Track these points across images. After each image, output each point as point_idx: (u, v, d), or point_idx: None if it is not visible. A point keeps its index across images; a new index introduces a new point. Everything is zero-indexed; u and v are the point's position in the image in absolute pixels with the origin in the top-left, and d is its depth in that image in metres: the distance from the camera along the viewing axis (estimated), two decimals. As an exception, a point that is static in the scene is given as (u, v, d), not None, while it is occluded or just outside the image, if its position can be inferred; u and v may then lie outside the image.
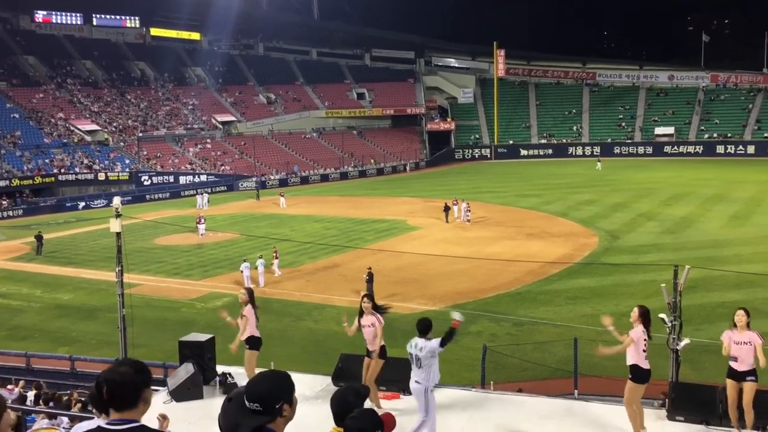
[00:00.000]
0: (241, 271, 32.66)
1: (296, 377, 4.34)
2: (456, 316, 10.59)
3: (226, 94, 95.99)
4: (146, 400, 3.84)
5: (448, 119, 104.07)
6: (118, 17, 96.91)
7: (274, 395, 3.77)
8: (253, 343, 12.44)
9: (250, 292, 12.85)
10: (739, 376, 10.27)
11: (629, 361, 10.37)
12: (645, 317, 10.42)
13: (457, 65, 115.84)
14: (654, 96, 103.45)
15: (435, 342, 10.04)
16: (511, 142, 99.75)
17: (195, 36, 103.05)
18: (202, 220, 46.48)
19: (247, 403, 3.75)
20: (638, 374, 10.38)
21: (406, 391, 12.15)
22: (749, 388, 10.20)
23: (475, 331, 25.55)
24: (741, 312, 10.46)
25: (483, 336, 24.08)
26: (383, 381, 11.81)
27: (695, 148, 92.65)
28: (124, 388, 3.77)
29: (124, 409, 3.79)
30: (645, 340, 10.35)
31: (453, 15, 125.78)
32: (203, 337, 13.40)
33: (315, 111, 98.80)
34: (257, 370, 12.11)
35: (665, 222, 45.10)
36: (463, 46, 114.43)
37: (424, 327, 10.24)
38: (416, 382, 10.19)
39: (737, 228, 42.67)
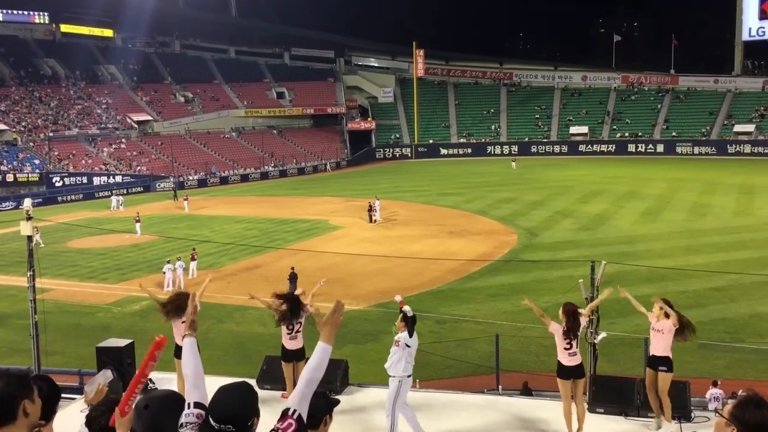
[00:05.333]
0: (164, 273, 31.96)
1: (220, 380, 4.23)
2: (397, 298, 10.93)
3: (141, 92, 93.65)
4: (27, 413, 3.54)
5: (369, 119, 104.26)
6: (25, 12, 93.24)
7: (245, 412, 3.55)
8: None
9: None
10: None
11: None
12: (568, 315, 10.65)
13: (377, 65, 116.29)
14: (569, 96, 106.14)
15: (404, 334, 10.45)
16: (431, 141, 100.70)
17: (108, 33, 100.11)
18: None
19: (216, 424, 3.50)
20: (559, 369, 10.68)
21: (332, 391, 12.08)
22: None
23: (399, 329, 25.65)
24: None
25: (406, 334, 24.15)
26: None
27: (608, 147, 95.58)
28: None
29: (2, 424, 3.50)
30: (566, 340, 10.56)
31: (372, 15, 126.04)
32: (122, 342, 13.02)
33: (234, 110, 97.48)
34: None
35: (581, 219, 46.31)
36: (383, 45, 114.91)
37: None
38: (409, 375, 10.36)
39: (649, 224, 44.18)
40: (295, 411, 3.82)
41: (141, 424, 3.84)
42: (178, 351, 12.20)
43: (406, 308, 10.67)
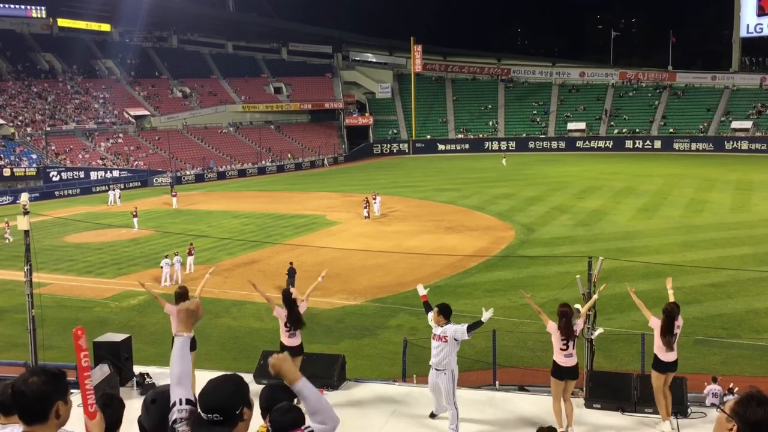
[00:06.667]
0: (161, 267, 31.94)
1: (216, 375, 4.22)
2: (420, 291, 11.05)
3: (138, 87, 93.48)
4: (59, 413, 3.49)
5: (367, 114, 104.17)
6: (22, 7, 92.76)
7: (232, 402, 3.56)
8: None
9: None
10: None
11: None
12: (562, 316, 10.66)
13: (374, 60, 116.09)
14: (566, 92, 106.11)
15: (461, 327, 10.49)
16: (428, 136, 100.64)
17: (105, 27, 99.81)
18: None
19: (204, 415, 3.53)
20: (554, 368, 10.69)
21: (329, 387, 12.11)
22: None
23: (395, 324, 25.69)
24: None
25: (403, 329, 24.21)
26: (307, 377, 11.71)
27: (605, 143, 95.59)
28: (32, 402, 3.41)
29: (33, 423, 3.43)
30: (562, 339, 10.56)
31: (370, 10, 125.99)
32: (119, 337, 13.03)
33: (231, 105, 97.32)
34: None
35: (578, 215, 46.33)
36: (381, 41, 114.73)
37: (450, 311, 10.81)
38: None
39: (646, 220, 44.22)
40: (308, 427, 3.87)
41: (149, 419, 3.85)
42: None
43: (487, 314, 10.80)
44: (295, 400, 4.40)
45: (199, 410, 3.61)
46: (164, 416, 3.78)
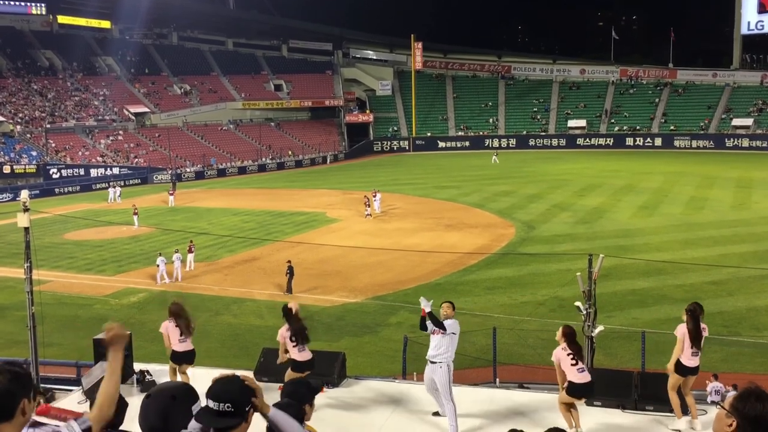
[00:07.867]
0: (157, 265, 31.89)
1: (216, 373, 4.21)
2: (423, 304, 11.06)
3: (138, 84, 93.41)
4: (24, 411, 3.47)
5: (367, 111, 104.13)
6: (22, 3, 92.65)
7: (244, 397, 3.61)
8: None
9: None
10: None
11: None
12: (571, 339, 10.30)
13: (375, 57, 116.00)
14: (567, 89, 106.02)
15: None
16: (428, 134, 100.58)
17: (105, 24, 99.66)
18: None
19: (213, 404, 3.54)
20: (570, 388, 10.28)
21: (330, 384, 12.10)
22: None
23: (396, 322, 25.70)
24: None
25: (403, 327, 24.19)
26: (307, 375, 11.70)
27: (606, 141, 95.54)
28: None
29: None
30: (569, 354, 10.15)
31: (370, 7, 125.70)
32: (119, 334, 12.98)
33: (231, 102, 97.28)
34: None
35: (578, 212, 46.32)
36: (381, 38, 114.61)
37: None
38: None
39: (646, 218, 44.21)
40: None
41: (143, 415, 3.83)
42: (174, 356, 12.19)
43: (449, 322, 10.78)
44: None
45: (208, 403, 3.62)
46: (165, 413, 3.75)
